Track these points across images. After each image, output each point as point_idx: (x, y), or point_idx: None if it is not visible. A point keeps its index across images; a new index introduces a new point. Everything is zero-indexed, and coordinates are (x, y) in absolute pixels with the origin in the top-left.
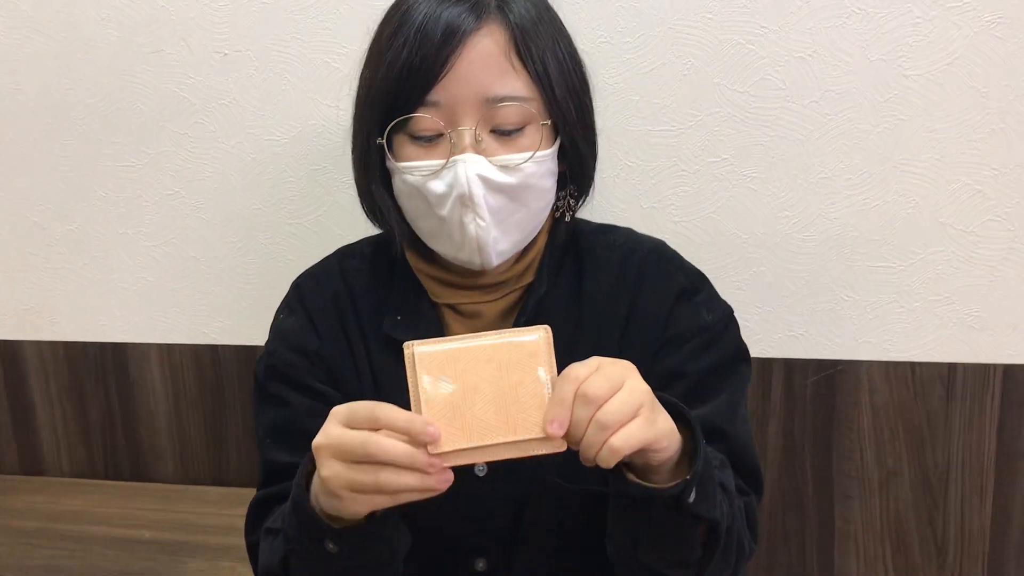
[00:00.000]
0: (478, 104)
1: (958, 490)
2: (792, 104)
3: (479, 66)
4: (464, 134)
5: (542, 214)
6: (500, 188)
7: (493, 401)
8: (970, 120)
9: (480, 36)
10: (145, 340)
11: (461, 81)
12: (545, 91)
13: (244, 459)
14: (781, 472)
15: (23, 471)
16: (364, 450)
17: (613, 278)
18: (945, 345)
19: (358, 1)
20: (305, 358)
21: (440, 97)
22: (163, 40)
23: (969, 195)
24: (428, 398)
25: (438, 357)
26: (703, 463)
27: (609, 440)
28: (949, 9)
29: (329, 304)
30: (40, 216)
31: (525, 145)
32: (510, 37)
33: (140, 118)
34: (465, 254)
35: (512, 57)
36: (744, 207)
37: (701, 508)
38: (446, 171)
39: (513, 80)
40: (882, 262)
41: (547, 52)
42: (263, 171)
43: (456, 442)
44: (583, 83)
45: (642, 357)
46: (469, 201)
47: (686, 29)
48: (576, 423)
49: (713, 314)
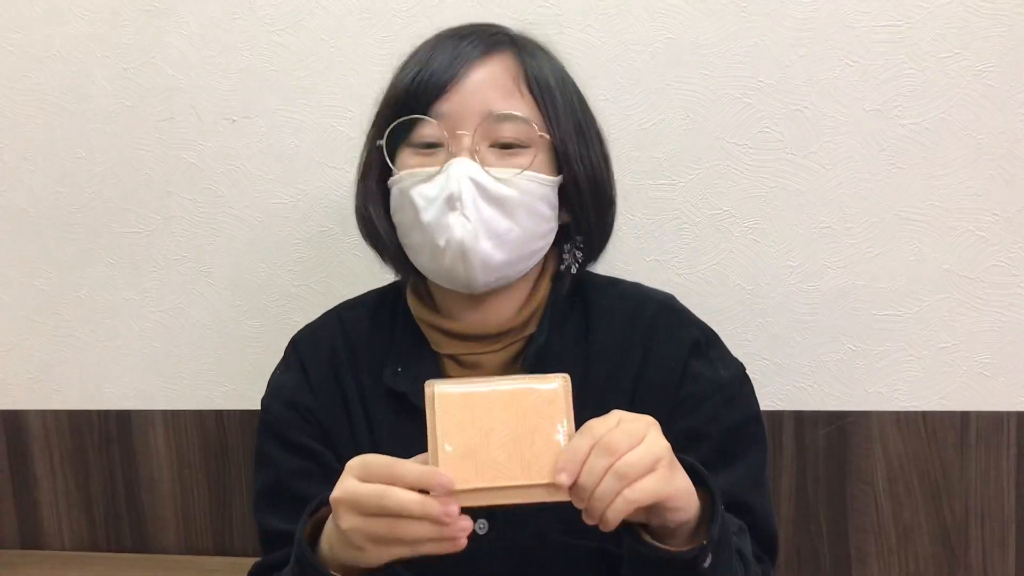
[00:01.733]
0: (480, 116)
1: (979, 543)
2: (791, 155)
3: (487, 84)
4: (463, 139)
5: (537, 242)
6: (490, 196)
7: (508, 444)
8: (968, 167)
9: (491, 61)
10: (150, 407)
11: (467, 94)
12: (549, 119)
13: (248, 528)
14: (795, 528)
15: (23, 545)
16: (380, 503)
17: (622, 330)
18: (957, 393)
19: (365, 66)
20: (297, 414)
21: (445, 108)
22: (173, 108)
23: (972, 241)
24: (445, 437)
25: (458, 398)
26: (720, 529)
27: (624, 491)
28: (941, 60)
29: (324, 359)
30: (47, 283)
31: (522, 163)
32: (520, 67)
33: (149, 184)
34: (448, 261)
35: (520, 82)
36: (747, 259)
37: (716, 574)
38: (439, 175)
39: (518, 101)
40: (888, 311)
41: (554, 85)
42: (270, 235)
43: (469, 482)
44: (601, 151)
45: (655, 412)
46: (457, 200)
47: (684, 84)
48: (592, 471)
49: (728, 370)
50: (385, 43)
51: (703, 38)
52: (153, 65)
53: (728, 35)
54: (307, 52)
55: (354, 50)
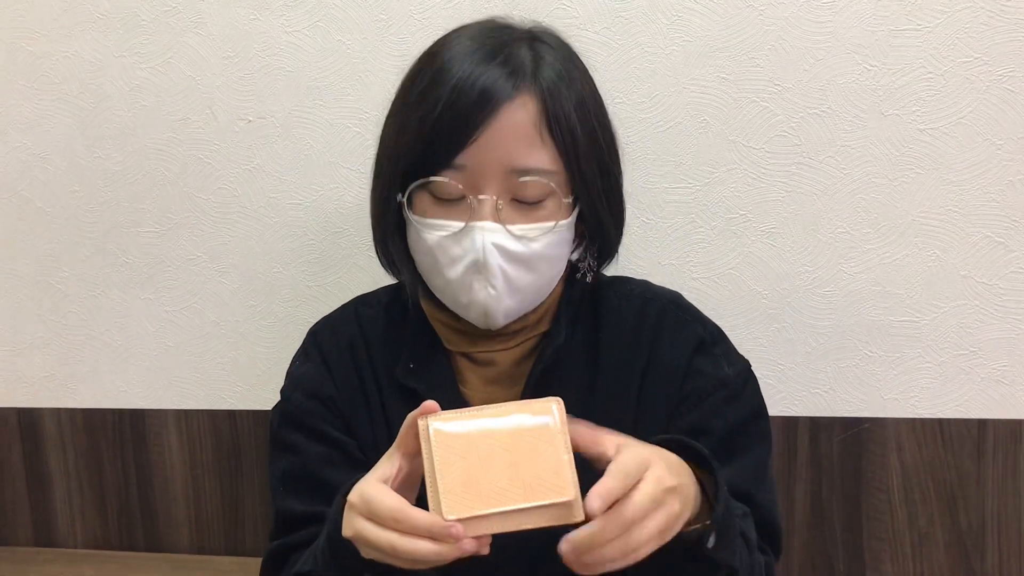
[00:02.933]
0: (503, 174)
1: (995, 551)
2: (808, 160)
3: (509, 136)
4: (485, 203)
5: (554, 280)
6: (515, 257)
7: (508, 468)
8: (986, 172)
9: (514, 107)
10: (163, 406)
11: (489, 149)
12: (571, 164)
13: (260, 528)
14: (810, 535)
15: (36, 542)
16: (393, 551)
17: (630, 327)
18: (974, 400)
19: (379, 68)
20: (320, 403)
21: (466, 161)
22: (190, 108)
23: (990, 247)
24: (444, 468)
25: (453, 429)
26: (724, 510)
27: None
28: (960, 64)
29: (345, 351)
30: (63, 283)
31: (544, 216)
32: (542, 108)
33: (164, 184)
34: (472, 315)
35: (542, 129)
36: (763, 263)
37: (721, 554)
38: (463, 235)
39: (540, 152)
40: (905, 317)
41: (576, 121)
42: (284, 235)
43: (473, 509)
44: (611, 148)
45: (660, 408)
46: (483, 268)
47: (701, 88)
48: (604, 544)
49: (733, 367)
50: (400, 44)
51: (719, 41)
52: (170, 65)
53: (745, 38)
54: (323, 53)
55: (369, 51)
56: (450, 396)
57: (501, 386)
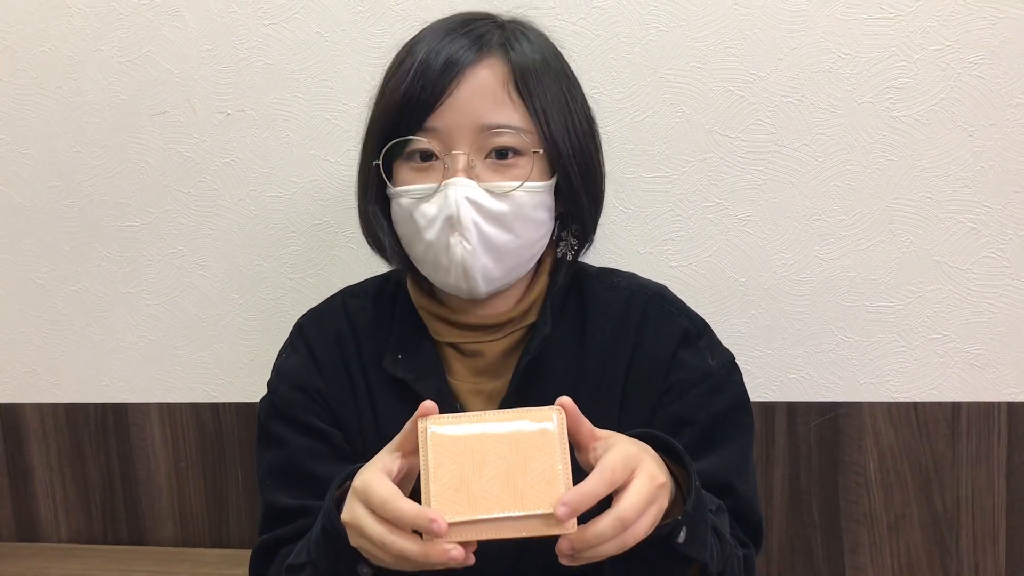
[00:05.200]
0: (473, 131)
1: (970, 532)
2: (783, 148)
3: (477, 95)
4: (458, 158)
5: (535, 246)
6: (489, 214)
7: (502, 475)
8: (959, 159)
9: (479, 68)
10: (146, 400)
11: (459, 109)
12: (540, 125)
13: (244, 520)
14: (788, 519)
15: (19, 537)
16: (382, 545)
17: (616, 320)
18: (948, 384)
19: (358, 59)
20: (306, 395)
21: (438, 124)
22: (168, 102)
23: (963, 233)
24: (438, 469)
25: (451, 432)
26: (695, 505)
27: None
28: (933, 52)
29: (331, 343)
30: (44, 277)
31: (518, 175)
32: (509, 71)
33: (144, 178)
34: (452, 279)
35: (510, 90)
36: (740, 250)
37: (691, 549)
38: (437, 194)
39: (509, 111)
40: (880, 302)
41: (547, 91)
42: (265, 228)
43: (462, 513)
44: (586, 126)
45: (645, 400)
46: (456, 223)
47: (677, 78)
48: (603, 537)
49: (717, 360)
50: (379, 36)
51: (696, 31)
52: (147, 58)
53: (721, 28)
54: (301, 45)
55: (348, 43)
56: (437, 385)
57: (488, 377)
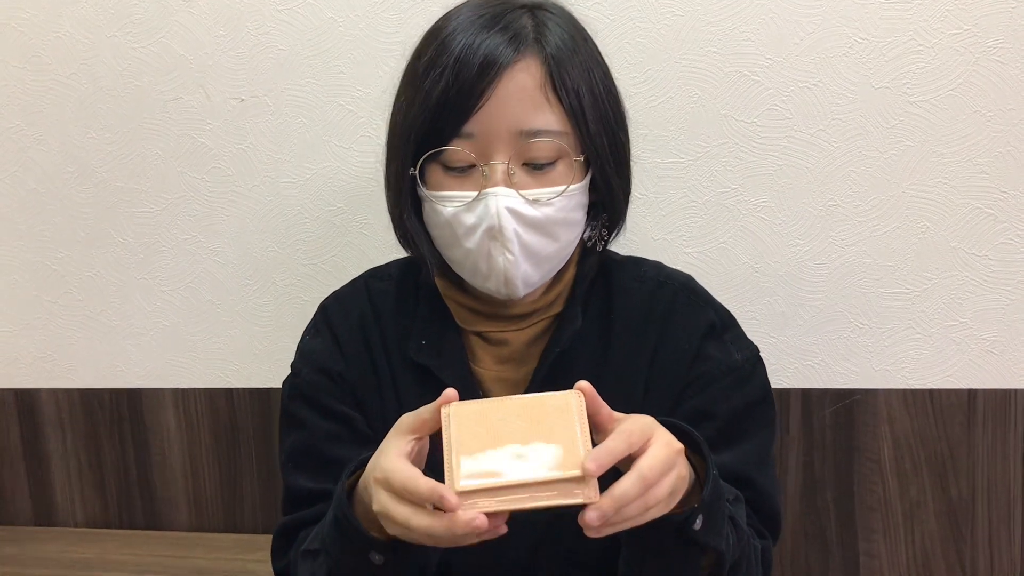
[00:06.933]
0: (512, 138)
1: (985, 520)
2: (799, 133)
3: (514, 99)
4: (497, 168)
5: (571, 246)
6: (530, 222)
7: (522, 444)
8: (976, 144)
9: (516, 70)
10: (161, 386)
11: (496, 114)
12: (579, 125)
13: (258, 505)
14: (802, 506)
15: (36, 522)
16: (407, 526)
17: (641, 311)
18: (964, 371)
19: (372, 45)
20: (329, 379)
21: (474, 129)
22: (182, 88)
23: (980, 219)
24: (460, 444)
25: (472, 409)
26: (711, 493)
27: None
28: (951, 36)
29: (355, 326)
30: (59, 264)
31: (557, 179)
32: (546, 71)
33: (158, 164)
34: (492, 284)
35: (547, 90)
36: (755, 236)
37: (707, 537)
38: (477, 203)
39: (547, 114)
40: (896, 288)
41: (582, 84)
42: (279, 214)
43: (483, 481)
44: (618, 115)
45: (668, 391)
46: (499, 234)
47: (692, 63)
48: (629, 499)
49: (742, 353)
50: (393, 21)
51: (710, 15)
52: (162, 44)
53: (736, 12)
54: (316, 31)
55: (363, 28)
56: (462, 373)
57: (512, 365)
